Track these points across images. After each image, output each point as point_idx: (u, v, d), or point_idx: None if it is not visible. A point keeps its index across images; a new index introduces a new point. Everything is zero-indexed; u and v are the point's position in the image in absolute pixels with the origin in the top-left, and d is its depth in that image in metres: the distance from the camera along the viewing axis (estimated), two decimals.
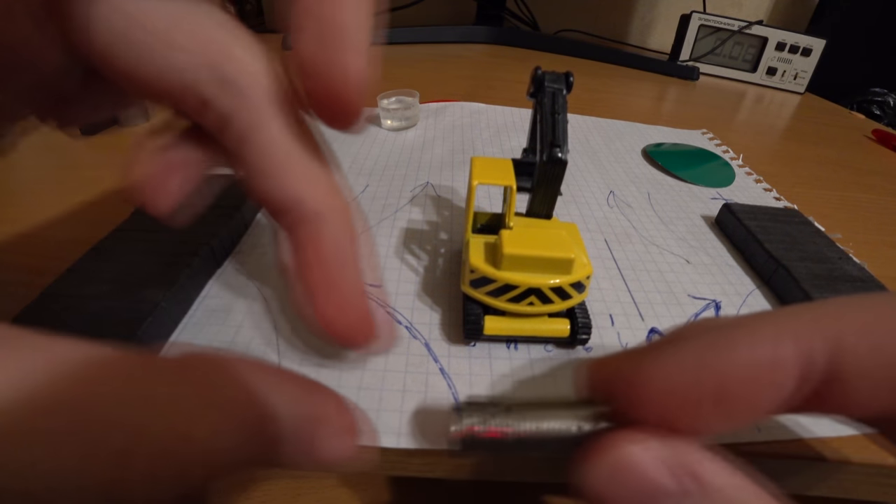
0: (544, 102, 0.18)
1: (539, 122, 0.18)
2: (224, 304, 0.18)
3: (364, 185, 0.28)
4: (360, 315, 0.14)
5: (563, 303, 0.16)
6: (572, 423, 0.11)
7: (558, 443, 0.11)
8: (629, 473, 0.09)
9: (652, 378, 0.10)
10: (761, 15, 0.86)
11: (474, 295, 0.17)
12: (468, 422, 0.11)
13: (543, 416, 0.11)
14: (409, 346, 0.17)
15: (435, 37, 0.66)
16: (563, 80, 0.19)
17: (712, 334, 0.10)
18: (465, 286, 0.17)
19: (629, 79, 0.62)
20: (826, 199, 0.33)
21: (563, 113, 0.18)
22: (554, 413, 0.11)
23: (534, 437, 0.11)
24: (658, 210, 0.28)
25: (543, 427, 0.11)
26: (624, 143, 0.38)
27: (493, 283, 0.16)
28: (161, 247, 0.19)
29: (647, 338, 0.19)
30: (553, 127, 0.17)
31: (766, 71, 0.68)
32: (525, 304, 0.16)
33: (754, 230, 0.24)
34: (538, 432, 0.11)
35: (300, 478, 0.24)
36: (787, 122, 0.52)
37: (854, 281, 0.21)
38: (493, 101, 0.42)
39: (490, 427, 0.11)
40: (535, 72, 0.19)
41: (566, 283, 0.16)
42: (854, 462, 0.15)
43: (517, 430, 0.11)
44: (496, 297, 0.16)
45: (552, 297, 0.16)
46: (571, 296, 0.16)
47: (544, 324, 0.17)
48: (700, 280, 0.22)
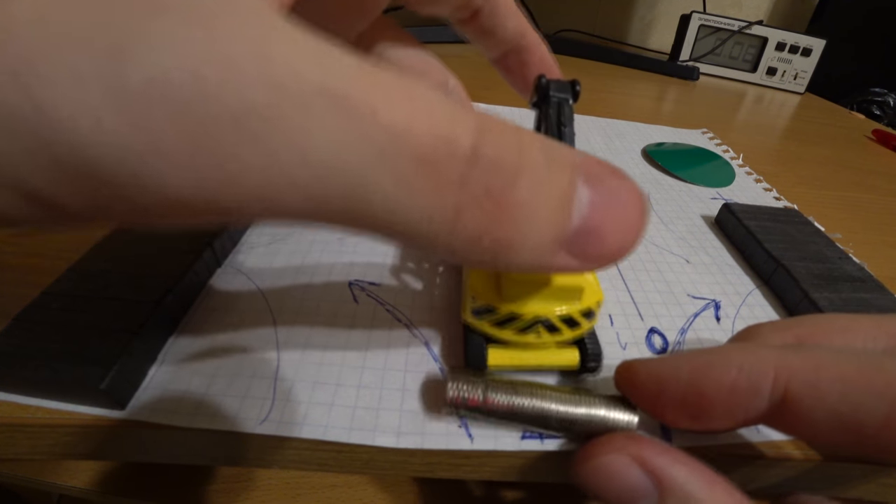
0: (550, 114, 0.17)
1: (544, 134, 0.16)
2: (224, 304, 0.18)
3: None
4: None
5: (571, 332, 0.15)
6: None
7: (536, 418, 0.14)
8: (613, 477, 0.12)
9: (644, 365, 0.13)
10: (761, 15, 0.86)
11: (476, 325, 0.15)
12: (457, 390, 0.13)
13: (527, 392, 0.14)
14: (409, 344, 0.17)
15: (435, 37, 0.66)
16: (569, 89, 0.17)
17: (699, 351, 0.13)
18: (467, 315, 0.15)
19: (629, 79, 0.62)
20: (826, 199, 0.33)
21: (571, 125, 0.16)
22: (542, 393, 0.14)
23: (513, 410, 0.14)
24: (658, 210, 0.28)
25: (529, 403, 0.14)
26: (624, 142, 0.38)
27: (496, 312, 0.15)
28: (161, 246, 0.19)
29: (646, 338, 0.19)
30: (560, 140, 0.16)
31: (766, 71, 0.68)
32: (531, 334, 0.15)
33: (754, 230, 0.24)
34: (518, 406, 0.14)
35: (300, 477, 0.24)
36: (787, 122, 0.52)
37: (854, 281, 0.21)
38: (493, 101, 0.42)
39: (478, 396, 0.13)
40: (539, 80, 0.17)
41: (575, 312, 0.15)
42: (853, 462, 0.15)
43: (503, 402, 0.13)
44: (499, 328, 0.15)
45: (560, 326, 0.15)
46: (581, 324, 0.15)
47: (551, 354, 0.16)
48: (700, 280, 0.22)
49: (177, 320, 0.17)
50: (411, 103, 0.07)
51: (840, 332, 0.14)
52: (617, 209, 0.09)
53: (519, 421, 0.14)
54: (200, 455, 0.15)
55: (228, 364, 0.16)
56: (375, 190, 0.07)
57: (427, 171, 0.07)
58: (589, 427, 0.14)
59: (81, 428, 0.14)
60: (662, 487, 0.11)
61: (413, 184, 0.07)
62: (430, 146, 0.07)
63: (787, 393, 0.11)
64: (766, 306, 0.21)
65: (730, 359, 0.12)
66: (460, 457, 0.14)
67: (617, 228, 0.09)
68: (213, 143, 0.06)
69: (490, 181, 0.08)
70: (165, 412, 0.14)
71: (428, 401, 0.15)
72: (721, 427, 0.12)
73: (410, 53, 0.19)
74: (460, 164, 0.08)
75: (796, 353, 0.12)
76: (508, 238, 0.08)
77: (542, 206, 0.08)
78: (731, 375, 0.11)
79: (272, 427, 0.14)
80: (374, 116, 0.07)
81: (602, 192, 0.09)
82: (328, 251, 0.22)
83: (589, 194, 0.09)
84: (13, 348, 0.14)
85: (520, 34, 0.19)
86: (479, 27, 0.19)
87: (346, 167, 0.07)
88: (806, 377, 0.11)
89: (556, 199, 0.09)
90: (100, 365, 0.14)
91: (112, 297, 0.16)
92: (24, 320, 0.15)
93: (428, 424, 0.15)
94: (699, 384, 0.12)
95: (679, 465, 0.11)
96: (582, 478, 0.12)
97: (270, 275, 0.20)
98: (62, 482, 0.23)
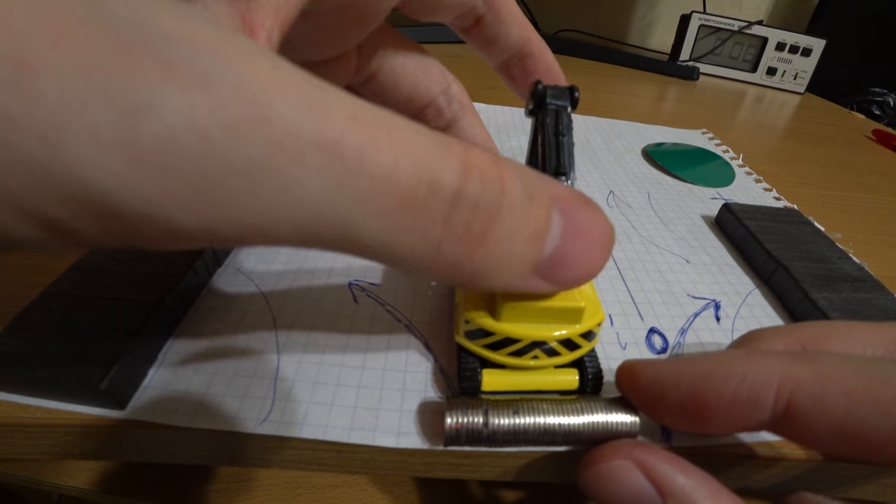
0: (547, 122, 0.16)
1: (541, 144, 0.16)
2: (224, 304, 0.18)
3: None
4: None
5: (570, 354, 0.14)
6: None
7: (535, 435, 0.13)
8: (616, 483, 0.12)
9: (645, 368, 0.13)
10: (761, 15, 0.86)
11: (470, 347, 0.14)
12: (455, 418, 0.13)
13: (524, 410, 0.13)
14: (409, 344, 0.17)
15: (435, 37, 0.66)
16: (567, 96, 0.16)
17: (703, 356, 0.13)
18: (460, 337, 0.15)
19: (629, 79, 0.62)
20: (826, 199, 0.33)
21: (569, 134, 0.16)
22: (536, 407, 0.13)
23: (511, 431, 0.13)
24: (658, 210, 0.28)
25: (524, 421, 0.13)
26: (624, 142, 0.38)
27: (491, 335, 0.14)
28: None
29: (646, 338, 0.19)
30: (557, 151, 0.15)
31: (766, 71, 0.68)
32: (528, 357, 0.14)
33: (754, 230, 0.24)
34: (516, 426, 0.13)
35: (300, 477, 0.24)
36: (787, 122, 0.52)
37: (854, 281, 0.21)
38: (493, 102, 0.42)
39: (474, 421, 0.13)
40: (535, 86, 0.16)
41: (575, 335, 0.14)
42: (853, 462, 0.15)
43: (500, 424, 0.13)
44: (495, 351, 0.14)
45: (559, 349, 0.14)
46: (580, 346, 0.14)
47: (549, 376, 0.15)
48: (700, 280, 0.22)
49: (177, 320, 0.17)
50: (397, 146, 0.08)
51: (840, 338, 0.14)
52: (586, 240, 0.10)
53: (523, 443, 0.13)
54: (200, 455, 0.15)
55: (228, 364, 0.16)
56: (361, 227, 0.08)
57: (410, 211, 0.08)
58: (593, 434, 0.13)
59: (81, 428, 0.14)
60: (665, 495, 0.11)
61: (396, 222, 0.08)
62: (413, 189, 0.08)
63: (790, 405, 0.11)
64: (765, 306, 0.21)
65: (732, 368, 0.12)
66: (460, 457, 0.14)
67: (585, 257, 0.10)
68: (216, 191, 0.07)
69: (471, 219, 0.09)
70: (165, 412, 0.14)
71: (428, 400, 0.15)
72: (721, 432, 0.13)
73: (411, 59, 0.19)
74: (443, 205, 0.08)
75: (801, 364, 0.11)
76: (486, 267, 0.09)
77: (520, 241, 0.09)
78: (733, 386, 0.11)
79: (272, 427, 0.14)
80: (362, 162, 0.07)
81: (575, 223, 0.10)
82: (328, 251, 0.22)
83: (562, 225, 0.10)
84: (13, 348, 0.14)
85: (524, 41, 0.19)
86: (482, 35, 0.19)
87: (335, 209, 0.08)
88: (811, 390, 0.11)
89: (533, 232, 0.10)
90: (100, 365, 0.14)
91: (112, 297, 0.16)
92: (24, 320, 0.15)
93: (428, 424, 0.15)
94: (699, 392, 0.12)
95: (683, 474, 0.11)
96: (586, 483, 0.12)
97: (270, 275, 0.20)
98: (62, 482, 0.23)
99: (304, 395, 0.15)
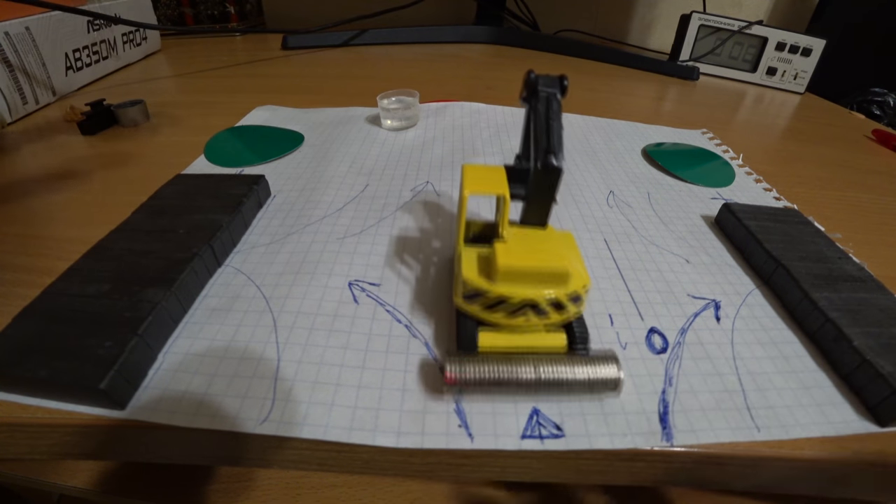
0: (538, 108, 0.18)
1: (533, 128, 0.18)
2: (224, 304, 0.18)
3: (364, 184, 0.28)
4: None
5: (559, 315, 0.16)
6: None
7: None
8: None
9: None
10: (761, 15, 0.86)
11: (468, 309, 0.16)
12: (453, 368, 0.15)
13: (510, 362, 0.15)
14: (409, 344, 0.17)
15: (435, 37, 0.66)
16: (557, 84, 0.18)
17: None
18: (458, 300, 0.16)
19: (629, 79, 0.62)
20: (826, 199, 0.33)
21: (558, 118, 0.17)
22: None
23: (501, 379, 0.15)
24: (658, 210, 0.28)
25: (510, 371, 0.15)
26: (624, 142, 0.38)
27: (486, 296, 0.16)
28: (161, 246, 0.19)
29: (646, 337, 0.19)
30: (548, 133, 0.17)
31: (766, 71, 0.68)
32: (520, 317, 0.16)
33: (754, 230, 0.24)
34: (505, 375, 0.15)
35: (300, 477, 0.24)
36: (787, 122, 0.52)
37: (854, 281, 0.21)
38: (493, 101, 0.42)
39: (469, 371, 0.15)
40: (528, 76, 0.18)
41: (562, 295, 0.16)
42: (854, 461, 0.15)
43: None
44: (490, 312, 0.16)
45: (548, 309, 0.16)
46: (568, 308, 0.16)
47: (540, 338, 0.16)
48: (700, 280, 0.22)
49: (177, 320, 0.17)
50: None
51: None
52: None
53: (515, 387, 0.15)
54: (200, 455, 0.15)
55: (228, 364, 0.16)
56: None
57: None
58: (577, 382, 0.15)
59: (81, 428, 0.14)
60: None
61: None
62: None
63: None
64: (765, 306, 0.21)
65: None
66: (460, 457, 0.14)
67: None
68: None
69: None
70: (165, 412, 0.14)
71: (428, 401, 0.15)
72: None
73: None
74: None
75: None
76: None
77: None
78: None
79: (272, 427, 0.14)
80: None
81: None
82: (328, 251, 0.22)
83: None
84: (13, 348, 0.14)
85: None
86: None
87: None
88: None
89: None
90: (100, 365, 0.14)
91: (112, 298, 0.16)
92: (24, 320, 0.15)
93: (428, 424, 0.15)
94: None
95: None
96: None
97: (271, 275, 0.20)
98: (62, 482, 0.23)
99: (304, 395, 0.15)
